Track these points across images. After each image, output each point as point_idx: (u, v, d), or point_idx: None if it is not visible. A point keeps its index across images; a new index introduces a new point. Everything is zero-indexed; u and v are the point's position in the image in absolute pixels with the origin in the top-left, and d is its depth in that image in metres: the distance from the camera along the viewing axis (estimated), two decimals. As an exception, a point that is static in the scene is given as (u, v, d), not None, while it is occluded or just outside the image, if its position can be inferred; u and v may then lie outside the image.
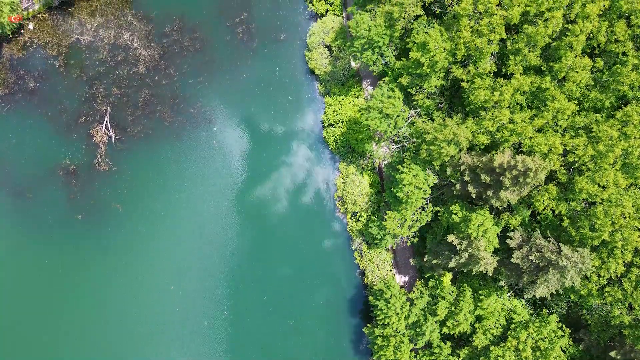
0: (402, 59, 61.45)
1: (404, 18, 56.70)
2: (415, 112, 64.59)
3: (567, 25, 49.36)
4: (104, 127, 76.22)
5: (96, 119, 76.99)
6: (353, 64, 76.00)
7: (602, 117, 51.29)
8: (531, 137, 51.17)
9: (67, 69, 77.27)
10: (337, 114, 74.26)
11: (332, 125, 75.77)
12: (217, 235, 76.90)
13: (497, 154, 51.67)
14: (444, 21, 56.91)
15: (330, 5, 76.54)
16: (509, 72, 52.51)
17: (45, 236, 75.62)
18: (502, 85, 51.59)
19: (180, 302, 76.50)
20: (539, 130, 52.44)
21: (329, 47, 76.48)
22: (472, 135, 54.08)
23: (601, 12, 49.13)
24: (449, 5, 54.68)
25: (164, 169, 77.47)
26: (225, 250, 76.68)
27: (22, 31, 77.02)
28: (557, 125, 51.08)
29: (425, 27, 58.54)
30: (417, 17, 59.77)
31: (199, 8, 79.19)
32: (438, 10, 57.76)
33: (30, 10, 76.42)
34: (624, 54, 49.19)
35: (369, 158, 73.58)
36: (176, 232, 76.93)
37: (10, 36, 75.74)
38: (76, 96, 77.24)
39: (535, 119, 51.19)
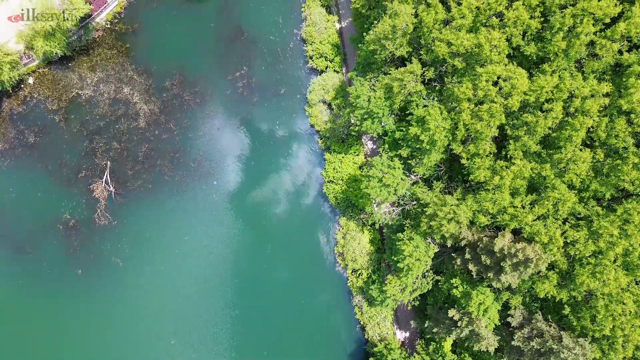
0: (401, 128, 61.79)
1: (403, 93, 57.00)
2: (415, 176, 64.95)
3: (566, 118, 49.89)
4: (103, 182, 76.25)
5: (96, 173, 77.03)
6: (353, 119, 76.36)
7: (602, 209, 51.75)
8: (531, 225, 51.65)
9: (67, 123, 77.31)
10: (337, 172, 74.62)
11: (331, 181, 76.02)
12: (217, 291, 77.12)
13: (497, 237, 52.08)
14: (443, 98, 57.23)
15: (331, 62, 76.86)
16: (508, 155, 52.96)
17: (45, 291, 75.53)
18: (502, 168, 52.00)
19: (181, 356, 76.55)
20: (540, 217, 52.92)
21: (329, 105, 76.80)
22: (472, 214, 54.48)
23: (601, 108, 49.65)
24: (449, 83, 55.05)
25: (164, 223, 77.55)
26: (225, 308, 76.91)
27: (22, 86, 77.02)
28: (557, 212, 51.55)
29: (424, 99, 58.89)
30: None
31: (199, 62, 79.40)
32: (438, 87, 58.12)
33: (30, 65, 76.42)
34: (624, 148, 49.72)
35: (369, 215, 73.85)
36: (176, 287, 77.02)
37: (10, 91, 75.71)
38: (76, 150, 77.28)
39: (536, 206, 51.70)
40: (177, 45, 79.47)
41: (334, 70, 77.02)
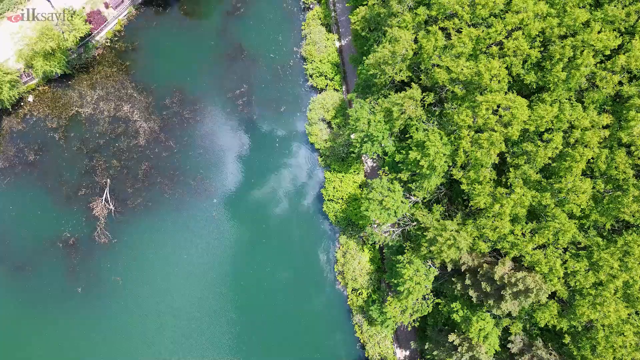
0: (401, 151, 61.80)
1: (402, 117, 56.99)
2: (415, 197, 64.92)
3: (567, 149, 49.90)
4: (103, 200, 76.21)
5: (96, 191, 76.98)
6: (353, 136, 76.36)
7: (602, 239, 51.73)
8: (532, 255, 51.69)
9: (67, 141, 77.30)
10: (337, 190, 74.59)
11: (331, 200, 75.99)
12: (217, 309, 76.99)
13: (497, 264, 52.09)
14: (443, 122, 57.20)
15: (331, 81, 76.84)
16: (508, 183, 52.96)
17: (45, 308, 75.52)
18: (502, 195, 52.00)
19: (180, 375, 76.54)
20: (540, 246, 52.93)
21: (329, 123, 76.81)
22: (472, 240, 54.49)
23: (601, 140, 49.63)
24: (449, 108, 55.03)
25: (163, 241, 77.52)
26: (225, 327, 76.73)
27: (22, 103, 77.04)
28: (557, 242, 51.56)
29: (424, 123, 58.90)
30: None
31: (199, 80, 79.39)
32: (438, 111, 58.13)
33: (30, 83, 76.42)
34: (624, 180, 49.73)
35: (369, 234, 73.78)
36: (176, 305, 76.92)
37: (10, 109, 75.68)
38: (76, 168, 77.27)
39: (536, 235, 51.68)
40: (177, 63, 79.47)
41: (334, 89, 77.03)
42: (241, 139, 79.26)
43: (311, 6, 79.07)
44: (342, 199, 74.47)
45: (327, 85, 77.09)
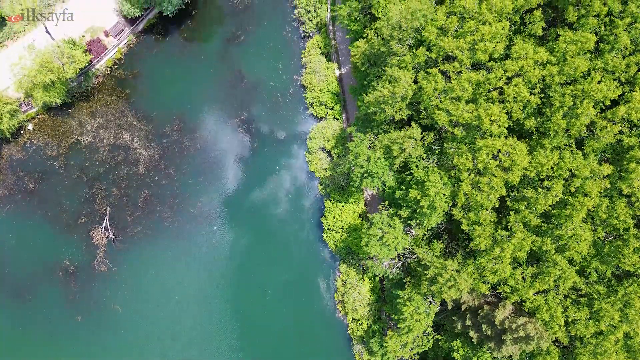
0: (402, 187, 61.82)
1: (402, 155, 57.00)
2: (414, 232, 64.94)
3: (567, 197, 49.94)
4: (103, 228, 76.21)
5: (96, 220, 76.98)
6: (353, 177, 76.29)
7: (603, 287, 51.78)
8: (532, 300, 51.76)
9: (66, 169, 77.25)
10: (337, 220, 74.59)
11: (331, 229, 75.99)
12: (218, 338, 77.11)
13: (498, 307, 52.14)
14: (442, 162, 57.15)
15: (331, 110, 76.81)
16: (509, 226, 53.01)
17: (45, 337, 75.69)
18: (503, 238, 52.00)
19: (180, 404, 76.64)
20: (541, 292, 53.00)
21: (329, 152, 76.78)
22: (472, 281, 54.54)
23: (602, 190, 49.63)
24: (449, 148, 55.01)
25: (163, 269, 77.58)
26: (226, 351, 76.89)
27: (22, 132, 76.96)
28: (558, 288, 51.63)
29: (425, 160, 58.90)
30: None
31: (199, 108, 79.33)
32: (438, 150, 58.14)
33: (30, 111, 76.36)
34: (625, 229, 49.82)
35: (370, 267, 73.74)
36: (176, 334, 77.01)
37: (10, 137, 75.60)
38: (76, 197, 77.25)
39: (537, 281, 51.74)
40: (177, 90, 79.38)
41: (334, 118, 76.99)
42: (241, 165, 79.23)
43: (311, 34, 78.98)
44: (342, 228, 74.49)
45: (327, 114, 77.05)
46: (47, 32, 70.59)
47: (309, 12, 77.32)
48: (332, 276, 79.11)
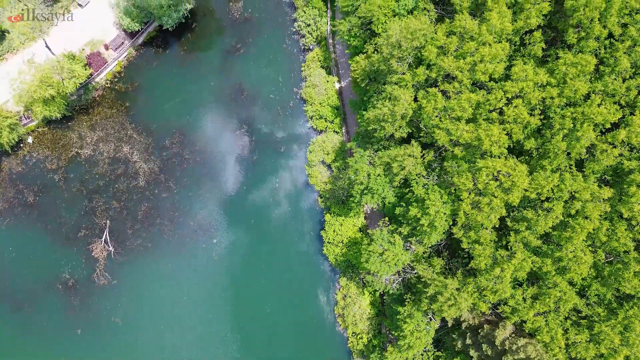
0: (402, 204, 61.77)
1: (402, 173, 56.94)
2: (414, 247, 64.86)
3: (567, 219, 49.89)
4: (103, 241, 76.19)
5: (96, 233, 76.96)
6: (353, 193, 76.24)
7: (603, 309, 51.69)
8: (533, 322, 51.72)
9: (66, 182, 77.24)
10: (337, 234, 74.53)
11: (331, 243, 75.94)
12: (218, 351, 76.99)
13: (498, 327, 52.12)
14: (442, 180, 57.07)
15: (331, 123, 76.75)
16: (509, 246, 52.97)
17: (44, 350, 75.74)
18: (503, 258, 51.93)
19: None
20: (542, 313, 52.94)
21: (329, 166, 76.73)
22: (473, 300, 54.49)
23: (602, 213, 49.58)
24: (449, 167, 54.89)
25: (163, 282, 77.54)
26: (226, 367, 76.74)
27: (22, 145, 76.93)
28: (558, 310, 51.59)
29: (424, 178, 58.82)
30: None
31: (199, 121, 79.27)
32: (438, 168, 58.09)
33: (30, 125, 76.32)
34: (625, 252, 49.78)
35: (370, 282, 73.62)
36: (176, 346, 76.98)
37: (10, 151, 75.54)
38: (76, 210, 77.24)
39: (537, 303, 51.67)
40: (177, 103, 79.32)
41: (334, 131, 76.93)
42: (241, 178, 79.17)
43: (311, 47, 78.94)
44: (342, 242, 74.45)
45: (327, 127, 76.98)
46: (47, 46, 70.54)
47: (308, 25, 77.28)
48: (332, 289, 79.08)
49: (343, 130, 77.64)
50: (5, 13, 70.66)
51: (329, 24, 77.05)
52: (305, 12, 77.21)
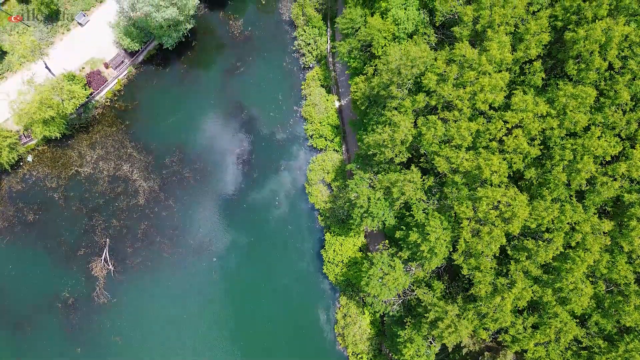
0: (402, 227, 61.83)
1: (402, 198, 56.97)
2: (414, 269, 64.92)
3: (568, 251, 49.93)
4: (103, 260, 76.17)
5: (95, 251, 76.95)
6: (353, 215, 76.22)
7: (604, 341, 51.73)
8: (534, 352, 51.76)
9: (66, 200, 77.19)
10: (337, 254, 74.57)
11: (331, 262, 75.97)
12: (217, 370, 76.95)
13: (499, 356, 52.22)
14: (442, 205, 57.13)
15: (330, 142, 76.75)
16: (509, 274, 53.02)
17: (44, 369, 75.54)
18: (503, 286, 51.98)
19: None
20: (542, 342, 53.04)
21: (329, 185, 76.74)
22: (473, 327, 54.54)
23: (603, 246, 49.63)
24: (449, 193, 54.95)
25: (163, 301, 77.50)
26: (224, 388, 76.69)
27: (21, 163, 76.90)
28: (559, 340, 51.66)
29: (424, 202, 58.87)
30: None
31: (199, 139, 79.25)
32: (438, 194, 58.14)
33: (29, 143, 76.30)
34: (626, 285, 49.86)
35: (371, 304, 73.63)
36: (176, 365, 76.98)
37: (9, 169, 75.54)
38: (75, 228, 77.20)
39: (538, 333, 51.70)
40: (177, 121, 79.29)
41: (334, 150, 76.94)
42: (241, 197, 79.18)
43: (311, 66, 78.94)
44: (342, 262, 74.49)
45: (326, 146, 77.00)
46: (47, 67, 70.46)
47: (308, 44, 77.26)
48: (332, 308, 79.11)
49: (343, 149, 77.64)
50: (4, 34, 70.63)
51: (329, 43, 77.06)
52: (305, 31, 77.23)
